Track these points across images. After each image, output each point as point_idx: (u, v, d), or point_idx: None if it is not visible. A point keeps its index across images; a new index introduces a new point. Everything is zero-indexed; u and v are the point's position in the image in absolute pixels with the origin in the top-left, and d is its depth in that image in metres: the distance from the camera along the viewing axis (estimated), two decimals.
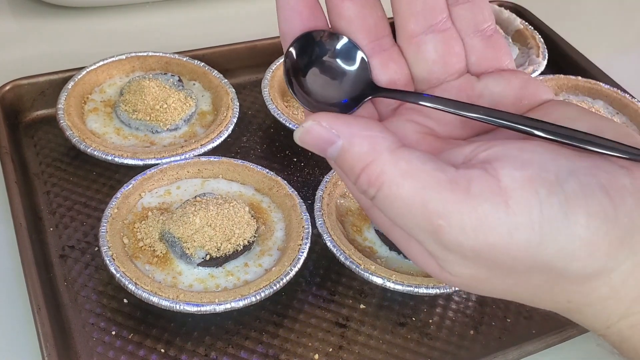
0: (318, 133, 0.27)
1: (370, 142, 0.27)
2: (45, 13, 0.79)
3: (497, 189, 0.26)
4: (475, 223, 0.26)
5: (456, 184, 0.26)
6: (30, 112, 0.65)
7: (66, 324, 0.49)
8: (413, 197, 0.27)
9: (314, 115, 0.28)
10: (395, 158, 0.27)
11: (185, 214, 0.51)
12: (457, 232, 0.26)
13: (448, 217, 0.26)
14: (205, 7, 0.83)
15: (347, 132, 0.27)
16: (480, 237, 0.26)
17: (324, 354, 0.50)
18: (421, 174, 0.27)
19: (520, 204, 0.26)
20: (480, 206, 0.26)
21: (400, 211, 0.27)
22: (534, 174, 0.26)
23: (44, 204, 0.57)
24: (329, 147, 0.27)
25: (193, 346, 0.49)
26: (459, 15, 0.32)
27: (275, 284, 0.49)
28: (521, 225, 0.26)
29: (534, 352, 0.50)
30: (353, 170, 0.27)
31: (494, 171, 0.27)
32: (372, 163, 0.27)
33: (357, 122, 0.28)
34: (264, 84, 0.66)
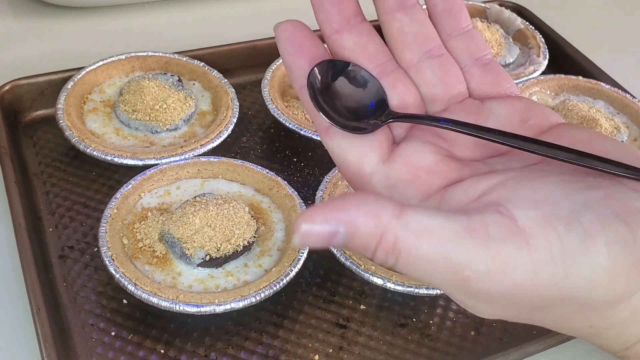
0: (317, 232, 0.26)
1: (373, 217, 0.26)
2: (45, 13, 0.79)
3: (515, 230, 0.26)
4: (501, 266, 0.26)
5: (474, 231, 0.26)
6: (30, 112, 0.65)
7: (65, 324, 0.49)
8: (434, 254, 0.26)
9: (303, 216, 0.27)
10: (404, 222, 0.26)
11: (185, 215, 0.51)
12: (484, 278, 0.26)
13: (473, 265, 0.26)
14: (205, 7, 0.83)
15: (344, 217, 0.26)
16: (507, 280, 0.26)
17: (324, 354, 0.49)
18: (435, 230, 0.26)
19: (540, 242, 0.26)
20: (503, 248, 0.26)
21: (424, 271, 0.27)
22: (549, 212, 0.27)
23: (44, 204, 0.57)
24: (333, 238, 0.27)
25: (193, 347, 0.49)
26: (454, 47, 0.34)
27: (275, 284, 0.49)
28: (544, 262, 0.26)
29: (534, 352, 0.50)
30: (367, 249, 0.27)
31: (508, 213, 0.27)
32: (384, 235, 0.26)
33: (349, 202, 0.27)
34: (263, 84, 0.65)
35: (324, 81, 0.31)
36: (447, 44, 0.34)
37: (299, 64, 0.31)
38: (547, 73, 0.74)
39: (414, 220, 0.26)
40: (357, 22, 0.32)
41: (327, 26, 0.32)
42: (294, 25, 0.32)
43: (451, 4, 0.33)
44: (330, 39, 0.32)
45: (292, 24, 0.32)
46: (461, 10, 0.34)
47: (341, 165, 0.32)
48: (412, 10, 0.33)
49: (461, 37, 0.33)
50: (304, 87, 0.31)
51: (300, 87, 0.31)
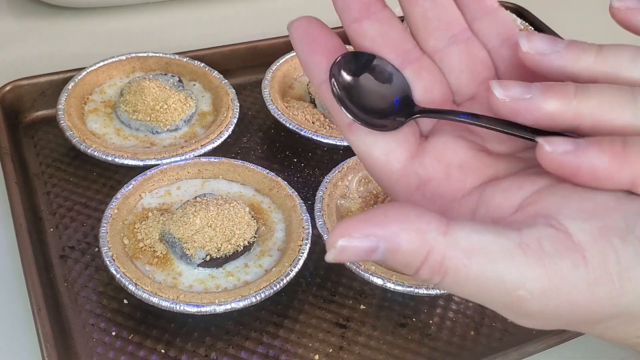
0: (355, 247, 0.25)
1: (417, 234, 0.24)
2: (45, 13, 0.79)
3: (571, 245, 0.25)
4: (557, 284, 0.25)
5: (527, 247, 0.25)
6: (31, 113, 0.65)
7: (66, 324, 0.49)
8: (485, 273, 0.25)
9: (338, 229, 0.25)
10: (452, 239, 0.25)
11: (186, 215, 0.51)
12: (539, 298, 0.25)
13: (528, 285, 0.24)
14: (206, 8, 0.83)
15: (384, 233, 0.25)
16: (562, 298, 0.25)
17: (324, 354, 0.50)
18: (485, 247, 0.25)
19: (597, 257, 0.25)
20: (559, 265, 0.24)
21: (473, 290, 0.25)
22: (604, 224, 0.25)
23: (44, 204, 0.57)
24: (372, 254, 0.25)
25: (193, 347, 0.49)
26: (480, 28, 0.32)
27: (276, 284, 0.49)
28: (600, 279, 0.25)
29: (534, 352, 0.50)
30: (410, 267, 0.25)
31: (561, 226, 0.25)
32: (430, 253, 0.25)
33: (390, 216, 0.25)
34: (264, 84, 0.66)
35: (346, 75, 0.29)
36: (473, 26, 0.32)
37: (316, 60, 0.30)
38: None
39: (463, 238, 0.25)
40: (378, 9, 0.30)
41: (346, 14, 0.30)
42: (308, 21, 0.30)
43: None
44: (350, 28, 0.30)
45: (305, 20, 0.30)
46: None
47: (367, 163, 0.30)
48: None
49: (487, 17, 0.31)
50: (323, 82, 0.29)
51: (319, 83, 0.30)
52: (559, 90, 0.27)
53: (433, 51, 0.31)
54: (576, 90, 0.27)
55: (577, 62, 0.28)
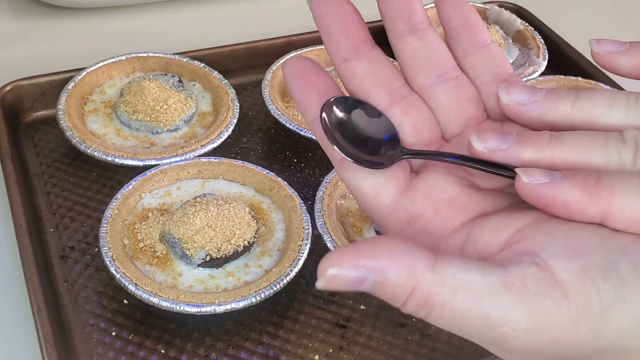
0: (344, 276, 0.25)
1: (405, 269, 0.25)
2: (45, 14, 0.79)
3: (554, 284, 0.25)
4: (539, 322, 0.25)
5: (512, 286, 0.25)
6: (31, 113, 0.65)
7: (66, 324, 0.49)
8: (469, 310, 0.25)
9: (330, 258, 0.25)
10: (438, 276, 0.25)
11: (186, 215, 0.51)
12: (522, 335, 0.25)
13: (511, 322, 0.25)
14: (206, 8, 0.84)
15: (374, 265, 0.25)
16: (546, 336, 0.25)
17: (324, 354, 0.50)
18: (471, 285, 0.25)
19: (579, 295, 0.25)
20: (542, 304, 0.25)
21: (458, 326, 0.26)
22: (587, 263, 0.26)
23: (44, 204, 0.57)
24: (360, 285, 0.25)
25: (193, 347, 0.49)
26: (472, 64, 0.32)
27: (276, 284, 0.49)
28: (583, 317, 0.25)
29: None
30: (396, 300, 0.26)
31: (545, 264, 0.26)
32: (416, 288, 0.25)
33: (380, 250, 0.26)
34: (264, 84, 0.66)
35: (337, 114, 0.30)
36: (464, 61, 0.32)
37: (309, 98, 0.30)
38: (547, 74, 0.74)
39: (449, 275, 0.25)
40: (367, 49, 0.31)
41: (336, 55, 0.31)
42: (302, 61, 0.31)
43: (466, 19, 0.32)
44: (340, 68, 0.31)
45: (299, 59, 0.31)
46: (477, 25, 0.33)
47: (358, 198, 0.31)
48: (423, 33, 0.32)
49: (479, 52, 0.32)
50: (315, 120, 0.30)
51: (312, 121, 0.31)
52: (534, 140, 0.29)
53: (421, 89, 0.32)
54: (550, 139, 0.29)
55: (555, 111, 0.30)
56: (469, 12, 0.33)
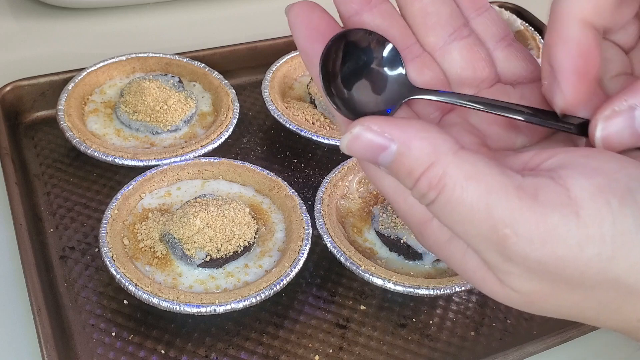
0: (369, 139, 0.25)
1: (430, 144, 0.25)
2: (45, 14, 0.79)
3: (566, 199, 0.25)
4: (544, 234, 0.25)
5: (523, 191, 0.25)
6: (31, 113, 0.65)
7: (66, 325, 0.49)
8: (477, 201, 0.25)
9: (361, 120, 0.25)
10: (459, 160, 0.25)
11: (186, 215, 0.51)
12: (524, 242, 0.25)
13: (515, 225, 0.25)
14: (206, 9, 0.83)
15: (402, 135, 0.25)
16: (548, 249, 0.25)
17: (324, 355, 0.50)
18: (486, 178, 0.25)
19: (591, 216, 0.24)
20: (550, 216, 0.24)
21: (461, 217, 0.25)
22: (605, 183, 0.25)
23: (44, 205, 0.57)
24: (381, 153, 0.25)
25: (193, 347, 0.49)
26: (476, 29, 0.32)
27: (276, 285, 0.49)
28: (592, 238, 0.24)
29: (534, 353, 0.50)
30: (412, 174, 0.25)
31: (561, 180, 0.25)
32: (434, 165, 0.25)
33: (412, 124, 0.26)
34: (264, 85, 0.66)
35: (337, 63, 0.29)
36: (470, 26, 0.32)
37: (316, 49, 0.29)
38: None
39: (469, 162, 0.25)
40: (378, 2, 0.30)
41: (346, 7, 0.30)
42: (309, 6, 0.29)
43: None
44: (349, 21, 0.30)
45: (306, 4, 0.29)
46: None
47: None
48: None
49: (481, 18, 0.32)
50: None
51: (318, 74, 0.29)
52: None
53: (434, 48, 0.31)
54: None
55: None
56: None
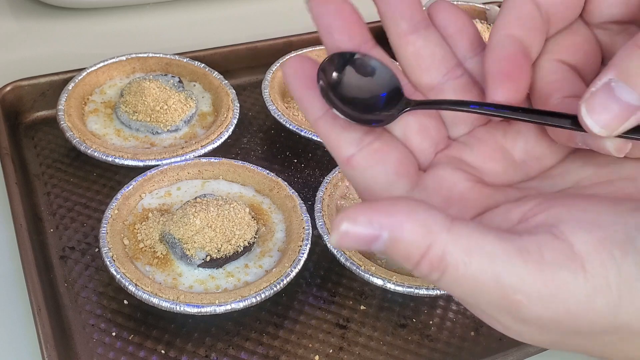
0: (358, 233, 0.25)
1: (422, 225, 0.25)
2: (45, 14, 0.79)
3: (571, 254, 0.25)
4: (554, 292, 0.25)
5: (527, 253, 0.25)
6: (31, 113, 0.65)
7: (66, 325, 0.49)
8: (483, 274, 0.25)
9: (345, 213, 0.25)
10: (454, 236, 0.25)
11: (186, 215, 0.51)
12: (536, 304, 0.25)
13: (525, 290, 0.25)
14: (206, 9, 0.83)
15: (391, 222, 0.24)
16: (560, 306, 0.25)
17: (324, 355, 0.50)
18: (487, 248, 0.25)
19: (597, 268, 0.25)
20: (558, 273, 0.25)
21: (470, 291, 0.25)
22: (605, 236, 0.25)
23: (44, 205, 0.57)
24: (374, 242, 0.25)
25: (193, 347, 0.49)
26: (471, 69, 0.32)
27: (276, 285, 0.49)
28: (599, 290, 0.25)
29: (534, 353, 0.50)
30: (410, 259, 0.25)
31: (563, 235, 0.25)
32: (431, 247, 0.25)
33: (398, 206, 0.25)
34: (264, 85, 0.66)
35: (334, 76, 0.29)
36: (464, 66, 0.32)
37: (311, 96, 0.30)
38: None
39: (465, 236, 0.25)
40: (369, 48, 0.31)
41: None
42: (301, 59, 0.30)
43: (462, 24, 0.32)
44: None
45: (298, 58, 0.30)
46: (473, 30, 0.32)
47: (366, 196, 0.30)
48: (426, 31, 0.31)
49: (476, 58, 0.32)
50: (318, 118, 0.30)
51: (315, 119, 0.30)
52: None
53: (427, 89, 0.31)
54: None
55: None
56: (464, 18, 0.32)
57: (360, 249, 0.25)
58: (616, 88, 0.26)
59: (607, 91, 0.27)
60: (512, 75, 0.29)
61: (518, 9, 0.30)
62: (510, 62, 0.29)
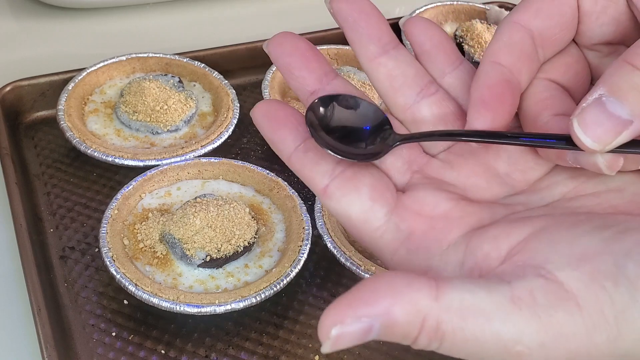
0: (349, 334, 0.24)
1: (410, 304, 0.24)
2: (45, 14, 0.79)
3: (564, 294, 0.25)
4: (554, 335, 0.24)
5: (520, 301, 0.24)
6: (31, 113, 0.65)
7: (66, 325, 0.49)
8: (482, 333, 0.24)
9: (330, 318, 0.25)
10: (445, 303, 0.24)
11: (186, 215, 0.51)
12: (538, 351, 0.24)
13: (525, 339, 0.24)
14: (206, 9, 0.84)
15: (377, 311, 0.24)
16: (562, 349, 0.25)
17: (324, 355, 0.50)
18: (479, 305, 0.24)
19: (591, 303, 0.24)
20: (554, 316, 0.24)
21: (471, 352, 0.25)
22: (594, 269, 0.25)
23: (44, 205, 0.57)
24: (367, 335, 0.25)
25: (193, 347, 0.49)
26: (450, 83, 0.32)
27: (276, 285, 0.49)
28: (597, 325, 0.24)
29: None
30: (407, 338, 0.25)
31: (551, 275, 0.25)
32: (425, 321, 0.24)
33: (378, 292, 0.25)
34: (264, 85, 0.66)
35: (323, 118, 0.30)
36: (442, 81, 0.32)
37: (281, 135, 0.30)
38: None
39: (455, 299, 0.24)
40: (330, 79, 0.31)
41: (301, 91, 0.31)
42: (267, 103, 0.31)
43: (438, 39, 0.32)
44: (308, 101, 0.31)
45: (265, 102, 0.31)
46: (450, 44, 0.32)
47: (348, 225, 0.30)
48: (395, 52, 0.31)
49: (455, 72, 0.32)
50: (291, 155, 0.30)
51: (288, 156, 0.30)
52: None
53: (403, 108, 0.32)
54: None
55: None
56: (440, 33, 0.32)
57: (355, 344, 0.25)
58: (607, 103, 0.26)
59: (598, 106, 0.27)
60: (490, 103, 0.29)
61: (508, 36, 0.30)
62: (491, 90, 0.29)
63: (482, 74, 0.30)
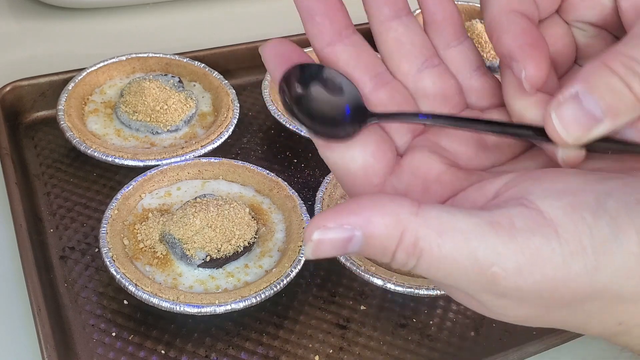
0: (331, 239, 0.25)
1: (391, 216, 0.25)
2: (45, 14, 0.79)
3: (542, 221, 0.25)
4: (530, 259, 0.25)
5: (498, 225, 0.25)
6: (31, 113, 0.65)
7: (66, 325, 0.49)
8: (458, 252, 0.25)
9: (313, 222, 0.25)
10: (424, 219, 0.25)
11: (186, 215, 0.51)
12: (514, 274, 0.25)
13: (501, 261, 0.25)
14: (206, 9, 0.84)
15: (359, 220, 0.25)
16: (537, 274, 0.25)
17: (325, 355, 0.50)
18: (458, 226, 0.25)
19: (570, 232, 0.25)
20: (532, 240, 0.25)
21: (447, 271, 0.25)
22: (575, 201, 0.26)
23: (44, 205, 0.57)
24: (349, 244, 0.25)
25: (193, 347, 0.49)
26: (452, 58, 0.32)
27: (276, 285, 0.49)
28: (575, 253, 0.25)
29: (534, 353, 0.50)
30: (386, 252, 0.25)
31: (532, 205, 0.26)
32: (404, 234, 0.25)
33: (363, 204, 0.25)
34: (264, 85, 0.66)
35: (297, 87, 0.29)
36: (445, 53, 0.32)
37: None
38: None
39: (434, 217, 0.25)
40: (349, 33, 0.31)
41: (318, 39, 0.31)
42: (280, 41, 0.31)
43: (450, 12, 0.32)
44: (323, 52, 0.31)
45: (277, 40, 0.31)
46: (460, 19, 0.33)
47: (345, 179, 0.30)
48: (407, 19, 0.32)
49: (460, 46, 0.33)
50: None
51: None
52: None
53: (406, 76, 0.32)
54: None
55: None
56: (452, 7, 0.33)
57: (335, 254, 0.25)
58: (584, 100, 0.27)
59: (575, 102, 0.27)
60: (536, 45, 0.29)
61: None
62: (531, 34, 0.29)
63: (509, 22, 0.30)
